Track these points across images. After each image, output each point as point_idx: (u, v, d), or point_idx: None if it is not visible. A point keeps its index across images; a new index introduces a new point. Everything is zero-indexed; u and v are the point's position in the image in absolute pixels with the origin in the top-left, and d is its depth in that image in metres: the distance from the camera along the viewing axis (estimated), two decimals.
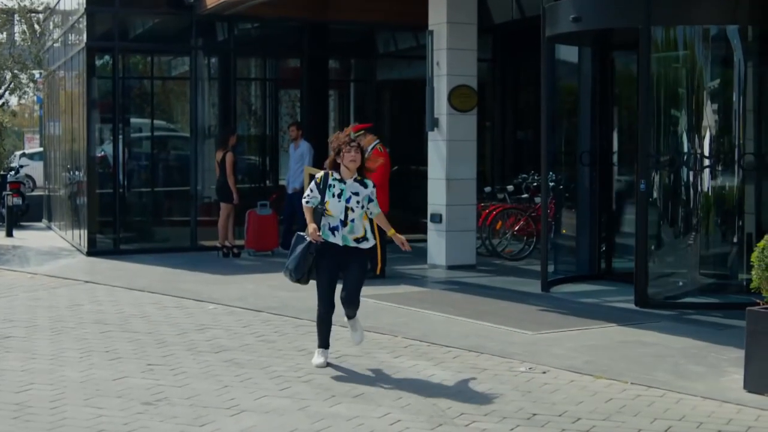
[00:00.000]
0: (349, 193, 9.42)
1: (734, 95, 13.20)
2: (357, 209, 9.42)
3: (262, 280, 15.21)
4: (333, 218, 9.38)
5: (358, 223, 9.44)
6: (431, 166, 16.74)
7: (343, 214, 9.37)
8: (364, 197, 9.48)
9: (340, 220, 9.38)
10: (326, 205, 9.36)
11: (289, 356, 10.13)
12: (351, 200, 9.39)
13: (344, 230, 9.41)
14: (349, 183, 9.44)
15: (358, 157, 9.42)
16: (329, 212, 9.36)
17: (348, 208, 9.38)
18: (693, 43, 13.22)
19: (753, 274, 8.65)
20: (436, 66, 16.42)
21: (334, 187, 9.40)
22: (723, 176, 13.33)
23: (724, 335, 11.01)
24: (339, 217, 9.37)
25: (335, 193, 9.40)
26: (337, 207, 9.36)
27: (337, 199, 9.37)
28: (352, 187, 9.45)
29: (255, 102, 22.87)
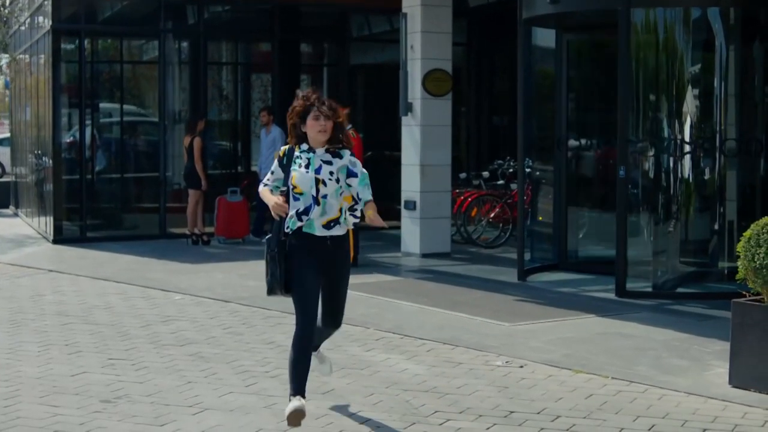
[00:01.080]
0: (319, 161, 7.14)
1: (716, 79, 12.87)
2: (330, 183, 7.10)
3: (231, 269, 14.82)
4: (303, 197, 7.07)
5: (333, 201, 7.11)
6: (405, 152, 16.38)
7: (314, 188, 7.07)
8: (339, 168, 7.15)
9: (312, 197, 7.06)
10: (292, 180, 7.09)
11: (256, 350, 9.75)
12: (322, 170, 7.11)
13: (314, 213, 7.08)
14: (319, 152, 7.16)
15: (328, 127, 7.13)
16: (297, 188, 7.08)
17: (318, 180, 7.08)
18: (673, 26, 12.87)
19: (739, 265, 8.31)
20: (410, 49, 16.05)
21: (300, 158, 7.15)
22: (704, 162, 13.01)
23: (707, 326, 10.69)
24: (310, 192, 7.06)
25: (302, 164, 7.13)
26: (305, 179, 7.07)
27: (305, 170, 7.10)
28: (322, 156, 7.16)
29: (226, 86, 22.48)
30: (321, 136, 7.08)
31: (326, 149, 7.17)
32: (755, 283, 8.22)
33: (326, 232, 7.13)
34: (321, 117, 7.05)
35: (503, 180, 18.33)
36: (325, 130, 7.07)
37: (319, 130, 7.07)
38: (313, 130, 7.08)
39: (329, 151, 7.18)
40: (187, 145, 17.56)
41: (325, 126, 7.07)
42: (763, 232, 8.11)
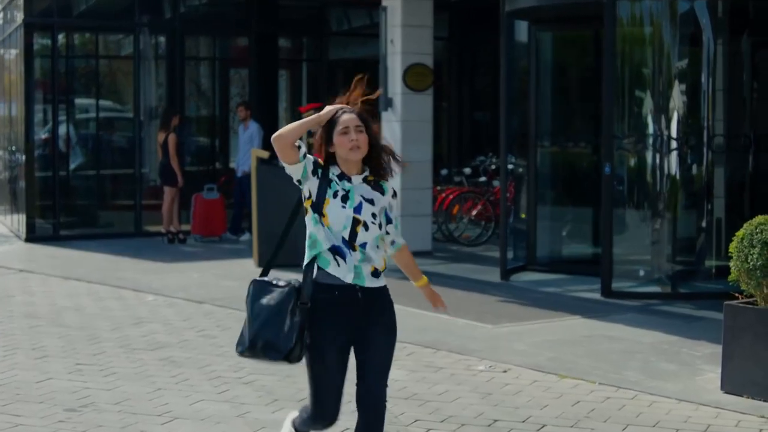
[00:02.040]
0: (359, 198, 5.40)
1: (703, 74, 12.57)
2: (372, 227, 5.38)
3: (207, 268, 14.45)
4: (331, 233, 5.34)
5: (373, 252, 5.39)
6: None
7: (349, 230, 5.35)
8: (381, 210, 5.45)
9: (343, 239, 5.35)
10: (324, 208, 5.36)
11: (230, 354, 9.37)
12: (363, 210, 5.38)
13: (354, 257, 5.34)
14: (357, 181, 5.43)
15: (363, 141, 5.40)
16: (326, 220, 5.34)
17: (358, 222, 5.35)
18: (660, 19, 12.56)
19: (731, 266, 8.00)
20: (390, 44, 15.71)
21: (335, 184, 5.41)
22: (691, 159, 12.72)
23: (696, 328, 10.39)
24: (341, 233, 5.35)
25: (338, 193, 5.39)
26: (339, 216, 5.35)
27: (341, 204, 5.36)
28: (362, 190, 5.42)
29: (203, 81, 22.12)
30: (354, 154, 5.36)
31: (365, 178, 5.43)
32: (748, 284, 7.91)
33: (375, 283, 5.40)
34: (351, 129, 5.36)
35: (485, 177, 18.02)
36: (359, 147, 5.35)
37: (350, 147, 5.34)
38: (343, 147, 5.36)
39: (369, 182, 5.43)
40: (161, 141, 17.18)
41: (357, 140, 5.34)
42: (756, 232, 7.79)
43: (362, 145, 5.35)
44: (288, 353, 5.31)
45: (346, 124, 5.36)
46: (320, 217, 5.32)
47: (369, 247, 5.34)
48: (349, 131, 5.35)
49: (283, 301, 5.33)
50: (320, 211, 5.32)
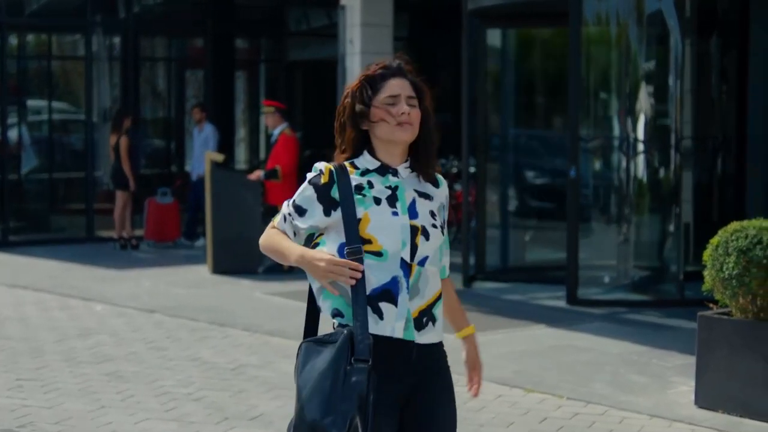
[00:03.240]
0: (412, 194, 3.96)
1: (671, 75, 12.22)
2: (435, 233, 3.94)
3: (160, 276, 13.96)
4: (385, 261, 3.82)
5: (432, 270, 3.94)
6: None
7: (409, 246, 3.85)
8: (440, 208, 4.04)
9: (401, 262, 3.83)
10: (363, 228, 3.83)
11: (180, 368, 8.93)
12: (419, 210, 3.94)
13: (405, 297, 3.84)
14: (404, 173, 3.98)
15: (415, 118, 3.94)
16: (374, 243, 3.82)
17: (417, 231, 3.89)
18: (626, 18, 12.22)
19: (705, 275, 7.63)
20: (349, 43, 15.29)
21: (371, 188, 3.90)
22: (659, 161, 12.38)
23: (665, 337, 10.02)
24: (399, 253, 3.84)
25: (380, 197, 3.90)
26: (393, 228, 3.86)
27: (390, 210, 3.88)
28: (413, 183, 4.00)
29: (159, 83, 21.65)
30: (403, 133, 3.90)
31: (410, 167, 3.98)
32: (723, 294, 7.54)
33: (418, 335, 3.87)
34: (402, 98, 3.91)
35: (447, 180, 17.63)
36: (411, 123, 3.90)
37: (400, 122, 3.88)
38: (388, 124, 3.89)
39: (418, 172, 4.00)
40: (113, 144, 16.68)
41: (410, 115, 3.90)
42: (732, 239, 7.42)
43: (415, 122, 3.92)
44: None
45: (394, 90, 3.90)
46: (362, 248, 3.77)
47: (430, 262, 3.89)
48: (399, 101, 3.90)
49: (335, 360, 3.72)
50: (360, 237, 3.79)
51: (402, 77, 3.97)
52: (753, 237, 7.34)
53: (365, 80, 3.95)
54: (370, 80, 3.95)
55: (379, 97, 3.91)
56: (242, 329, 10.46)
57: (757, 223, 7.53)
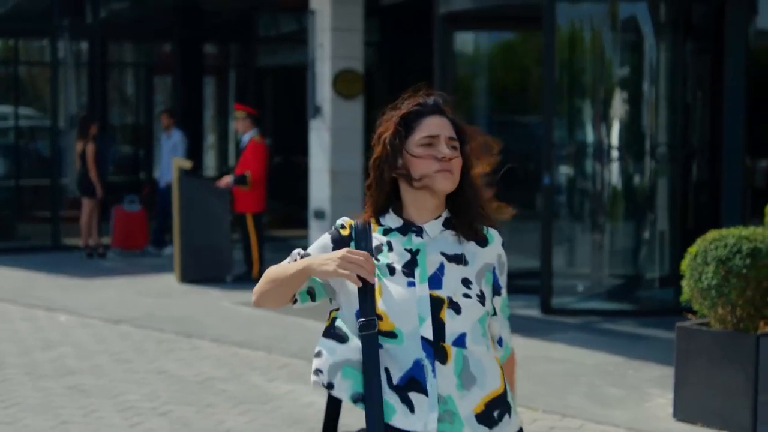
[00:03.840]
0: (438, 258, 3.28)
1: (645, 81, 12.07)
2: (468, 304, 3.23)
3: (126, 285, 13.69)
4: (400, 343, 3.18)
5: (478, 349, 3.23)
6: (314, 158, 15.38)
7: (430, 323, 3.17)
8: (482, 272, 3.32)
9: (423, 342, 3.16)
10: (377, 304, 3.19)
11: (145, 381, 8.69)
12: (445, 277, 3.24)
13: (444, 375, 3.16)
14: (433, 230, 3.31)
15: (456, 166, 3.29)
16: (385, 321, 3.18)
17: (441, 303, 3.19)
18: (601, 24, 12.05)
19: (684, 285, 7.46)
20: (319, 48, 15.08)
21: (390, 250, 3.29)
22: (633, 168, 12.21)
23: (641, 348, 9.84)
24: (417, 332, 3.16)
25: (394, 264, 3.26)
26: (405, 303, 3.19)
27: (405, 279, 3.23)
28: (441, 245, 3.31)
29: (127, 88, 21.38)
30: (442, 182, 3.25)
31: (446, 222, 3.32)
32: (702, 305, 7.38)
33: None
34: (441, 139, 3.27)
35: None
36: (452, 171, 3.25)
37: (439, 170, 3.24)
38: (424, 170, 3.24)
39: (458, 228, 3.32)
40: (80, 150, 16.40)
41: (451, 161, 3.25)
42: (711, 249, 7.25)
43: (456, 170, 3.26)
44: None
45: (432, 130, 3.28)
46: (375, 329, 3.16)
47: (471, 341, 3.19)
48: (438, 142, 3.26)
49: None
50: (373, 315, 3.17)
51: (441, 115, 3.34)
52: (732, 246, 7.18)
53: (400, 121, 3.33)
54: (403, 119, 3.33)
55: (414, 138, 3.29)
56: (210, 340, 10.23)
57: (736, 231, 7.38)
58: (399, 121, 3.33)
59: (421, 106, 3.35)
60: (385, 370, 3.16)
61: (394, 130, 3.32)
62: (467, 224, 3.33)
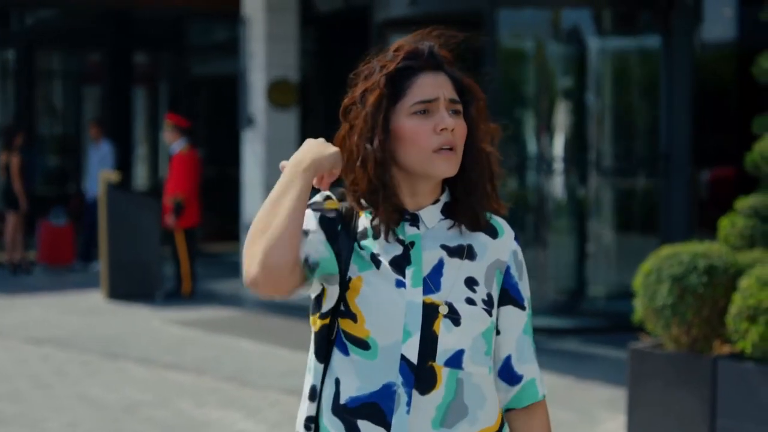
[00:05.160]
0: (437, 252, 2.58)
1: (589, 90, 11.74)
2: (471, 313, 2.54)
3: (51, 303, 13.11)
4: (374, 357, 2.52)
5: (476, 370, 2.55)
6: (246, 170, 14.92)
7: (417, 338, 2.50)
8: (492, 273, 2.61)
9: (402, 364, 2.49)
10: (351, 301, 2.55)
11: (67, 407, 8.17)
12: (444, 278, 2.55)
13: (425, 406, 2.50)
14: (434, 225, 2.60)
15: (460, 134, 2.55)
16: (359, 327, 2.53)
17: (434, 313, 2.51)
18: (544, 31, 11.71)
19: (636, 304, 7.07)
20: (252, 57, 14.62)
21: (376, 238, 2.58)
22: (577, 181, 11.86)
23: (587, 368, 9.46)
24: (395, 348, 2.50)
25: (381, 256, 2.56)
26: (392, 308, 2.51)
27: (393, 277, 2.54)
28: (441, 236, 2.60)
29: (55, 98, 20.82)
30: (442, 163, 2.55)
31: (445, 209, 2.64)
32: (656, 325, 6.99)
33: None
34: (441, 104, 2.56)
35: None
36: (454, 148, 2.55)
37: (437, 147, 2.54)
38: (421, 146, 2.54)
39: (459, 216, 2.63)
40: (4, 162, 15.80)
41: (454, 131, 2.55)
42: (665, 266, 6.87)
43: (459, 143, 2.55)
44: None
45: (427, 94, 2.54)
46: (345, 329, 2.55)
47: (470, 360, 2.53)
48: (435, 108, 2.54)
49: None
50: (346, 312, 2.55)
51: (439, 70, 2.58)
52: (688, 263, 6.81)
53: (385, 79, 2.55)
54: (390, 79, 2.55)
55: (403, 105, 2.54)
56: (137, 362, 9.72)
57: (691, 247, 7.01)
58: (385, 82, 2.56)
59: (412, 58, 2.58)
60: (335, 381, 2.53)
61: (378, 96, 2.54)
62: (471, 211, 2.60)
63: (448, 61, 2.63)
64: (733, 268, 6.83)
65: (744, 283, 6.56)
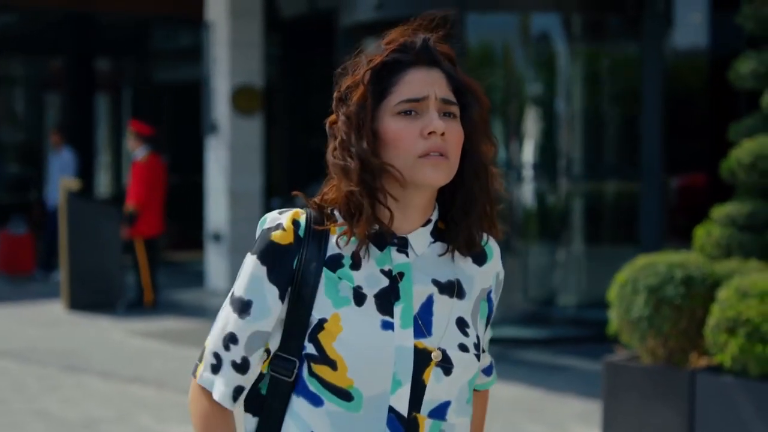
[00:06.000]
0: (430, 287, 2.25)
1: (559, 97, 11.56)
2: (463, 362, 2.26)
3: (10, 314, 12.81)
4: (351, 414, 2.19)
5: (458, 426, 2.29)
6: (210, 177, 14.68)
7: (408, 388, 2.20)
8: (478, 303, 2.35)
9: (390, 417, 2.19)
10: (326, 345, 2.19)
11: (23, 424, 7.89)
12: (435, 318, 2.24)
13: None
14: (423, 252, 2.27)
15: (455, 141, 2.21)
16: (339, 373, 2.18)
17: (425, 359, 2.21)
18: (513, 36, 11.54)
19: (612, 315, 6.88)
20: (216, 63, 14.38)
21: (355, 268, 2.23)
22: (547, 188, 11.69)
23: (560, 380, 9.26)
24: (383, 399, 2.19)
25: (368, 289, 2.22)
26: (380, 354, 2.18)
27: (378, 317, 2.20)
28: (429, 266, 2.27)
29: (15, 105, 20.53)
30: (432, 171, 2.20)
31: (435, 231, 2.30)
32: (631, 338, 6.80)
33: None
34: (431, 103, 2.22)
35: None
36: (446, 154, 2.21)
37: (423, 152, 2.20)
38: (407, 151, 2.20)
39: (452, 239, 2.30)
40: None
41: (445, 136, 2.21)
42: (641, 277, 6.68)
43: (453, 150, 2.22)
44: None
45: (416, 91, 2.23)
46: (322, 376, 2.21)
47: (454, 412, 2.28)
48: (424, 109, 2.23)
49: None
50: (321, 357, 2.20)
51: (432, 66, 2.26)
52: (664, 274, 6.61)
53: (370, 74, 2.22)
54: (375, 74, 2.23)
55: (388, 104, 2.23)
56: (97, 376, 9.45)
57: (667, 257, 6.83)
58: (370, 77, 2.23)
59: (402, 51, 2.25)
60: None
61: (362, 94, 2.23)
62: (467, 233, 2.28)
63: (446, 56, 2.30)
64: (711, 279, 6.66)
65: (723, 294, 6.38)
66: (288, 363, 2.23)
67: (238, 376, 2.26)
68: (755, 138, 7.18)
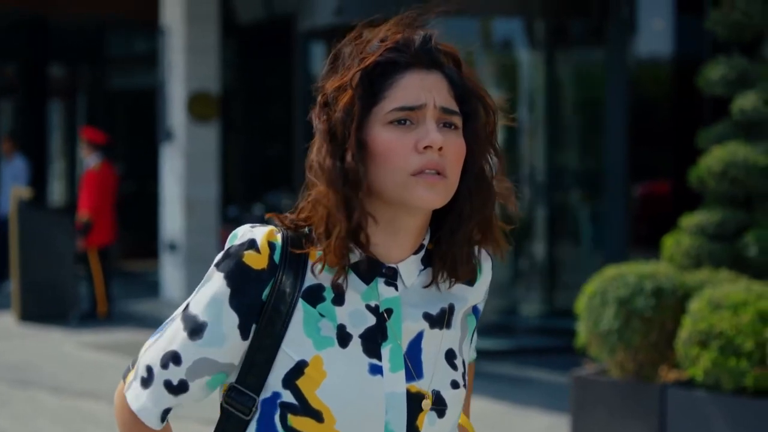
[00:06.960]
0: (420, 323, 2.00)
1: (521, 104, 11.41)
2: (455, 400, 2.02)
3: None
4: None
5: None
6: (165, 186, 14.42)
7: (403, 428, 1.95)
8: (466, 315, 2.11)
9: None
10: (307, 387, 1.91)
11: None
12: (426, 359, 2.00)
13: None
14: (412, 283, 2.00)
15: (455, 156, 1.93)
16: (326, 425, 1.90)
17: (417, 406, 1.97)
18: (473, 41, 11.35)
19: (579, 328, 6.69)
20: (171, 69, 14.13)
21: (338, 303, 1.96)
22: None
23: (524, 393, 9.05)
24: None
25: (354, 328, 1.96)
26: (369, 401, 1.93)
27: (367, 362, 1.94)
28: (422, 300, 2.02)
29: None
30: (427, 192, 1.92)
31: (425, 258, 2.04)
32: (600, 351, 6.61)
33: None
34: (428, 112, 1.95)
35: None
36: (444, 173, 1.94)
37: (417, 169, 1.92)
38: (398, 167, 1.93)
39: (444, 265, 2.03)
40: None
41: (442, 151, 1.93)
42: (611, 288, 6.49)
43: (450, 164, 1.96)
44: None
45: (411, 99, 1.95)
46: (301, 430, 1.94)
47: None
48: (420, 119, 1.96)
49: None
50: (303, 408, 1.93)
51: (432, 68, 2.00)
52: (634, 285, 6.43)
53: (359, 76, 1.94)
54: (366, 76, 1.95)
55: (380, 110, 1.95)
56: (48, 391, 9.15)
57: (636, 268, 6.65)
58: (360, 80, 1.94)
59: (399, 50, 1.96)
60: None
61: (350, 99, 1.94)
62: (464, 258, 2.01)
63: (450, 56, 2.01)
64: (681, 290, 6.49)
65: (694, 305, 6.21)
66: (246, 398, 1.98)
67: (170, 397, 2.04)
68: (725, 145, 7.02)
